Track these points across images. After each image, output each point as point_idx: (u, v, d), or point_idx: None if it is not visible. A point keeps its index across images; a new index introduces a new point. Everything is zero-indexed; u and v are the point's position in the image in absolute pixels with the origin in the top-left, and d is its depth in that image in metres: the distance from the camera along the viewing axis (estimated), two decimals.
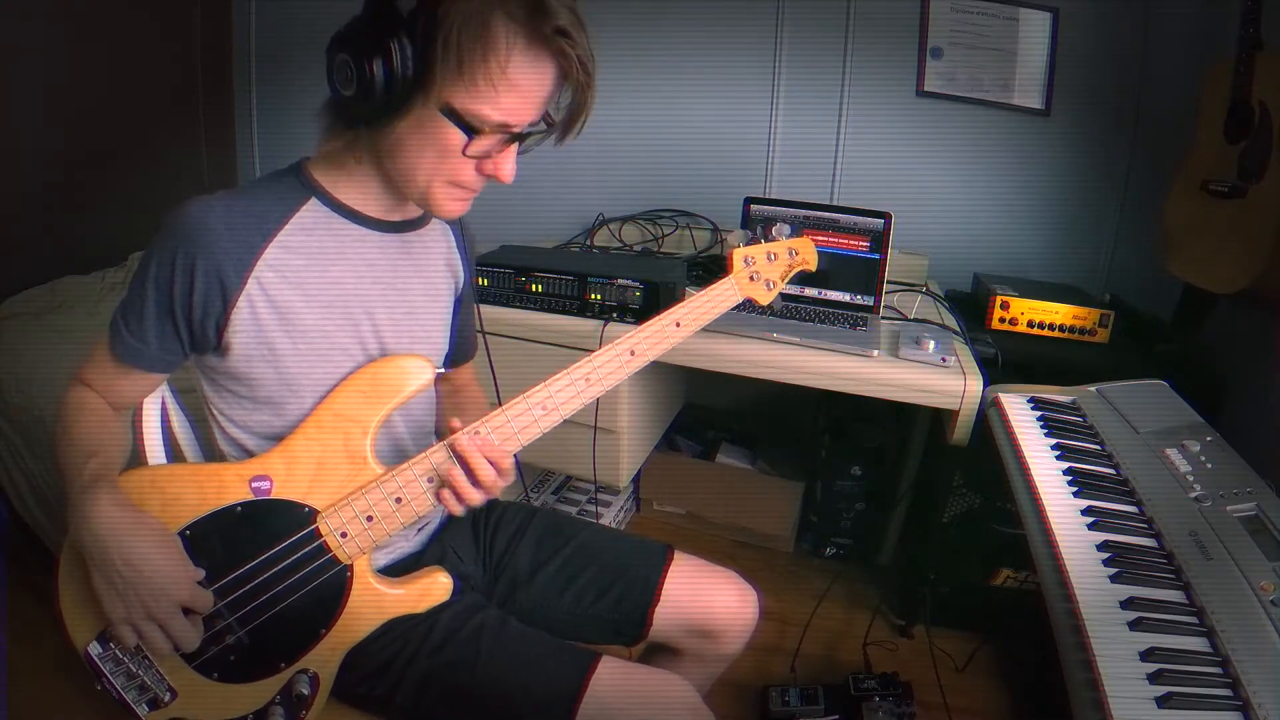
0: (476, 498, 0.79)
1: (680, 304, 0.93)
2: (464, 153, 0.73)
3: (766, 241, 1.05)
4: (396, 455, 0.86)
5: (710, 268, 1.86)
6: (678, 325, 0.91)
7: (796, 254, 1.07)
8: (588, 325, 1.47)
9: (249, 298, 0.76)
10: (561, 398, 0.83)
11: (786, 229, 1.07)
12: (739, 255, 1.02)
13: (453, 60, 0.68)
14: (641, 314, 1.46)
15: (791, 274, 1.08)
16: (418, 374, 0.82)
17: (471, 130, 0.72)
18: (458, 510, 0.80)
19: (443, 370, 0.84)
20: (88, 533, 0.70)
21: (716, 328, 1.09)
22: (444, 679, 0.82)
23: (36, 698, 1.36)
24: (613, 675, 0.82)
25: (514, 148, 0.77)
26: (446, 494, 0.79)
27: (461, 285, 1.00)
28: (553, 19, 0.69)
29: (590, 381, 0.84)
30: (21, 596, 1.56)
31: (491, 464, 0.79)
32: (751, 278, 1.02)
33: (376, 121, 0.73)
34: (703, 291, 0.96)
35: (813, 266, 1.10)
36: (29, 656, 1.42)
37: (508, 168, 0.77)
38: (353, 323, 0.82)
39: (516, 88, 0.71)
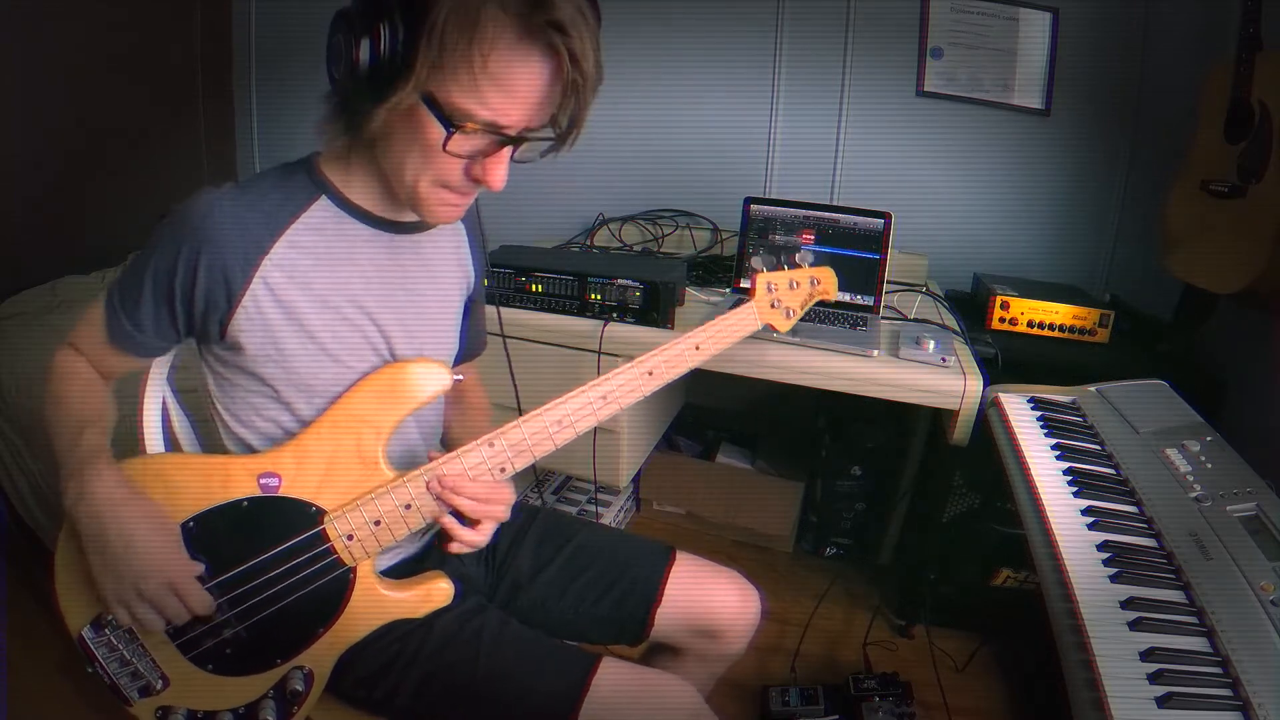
0: (471, 538, 0.80)
1: (700, 328, 0.93)
2: (444, 148, 0.68)
3: (790, 268, 1.04)
4: (407, 459, 0.85)
5: (710, 268, 1.86)
6: (697, 349, 0.92)
7: (819, 283, 1.07)
8: (587, 325, 1.47)
9: (255, 297, 0.75)
10: (577, 415, 0.83)
11: (810, 256, 1.07)
12: (762, 281, 1.02)
13: (435, 46, 0.63)
14: (641, 314, 1.46)
15: (811, 303, 1.08)
16: (435, 380, 0.82)
17: (450, 124, 0.67)
18: (457, 551, 0.81)
19: (459, 378, 0.83)
20: (85, 507, 0.70)
21: None
22: (444, 681, 0.82)
23: (36, 698, 1.36)
24: (615, 676, 0.82)
25: (506, 152, 0.71)
26: (453, 545, 0.80)
27: (473, 285, 0.99)
28: (548, 10, 0.63)
29: (607, 400, 0.84)
30: (21, 596, 1.56)
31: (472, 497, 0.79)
32: (773, 304, 1.03)
33: (364, 107, 0.69)
34: (723, 316, 0.96)
35: (833, 296, 1.10)
36: (29, 656, 1.42)
37: (497, 173, 0.72)
38: (362, 325, 0.81)
39: (500, 82, 0.65)
